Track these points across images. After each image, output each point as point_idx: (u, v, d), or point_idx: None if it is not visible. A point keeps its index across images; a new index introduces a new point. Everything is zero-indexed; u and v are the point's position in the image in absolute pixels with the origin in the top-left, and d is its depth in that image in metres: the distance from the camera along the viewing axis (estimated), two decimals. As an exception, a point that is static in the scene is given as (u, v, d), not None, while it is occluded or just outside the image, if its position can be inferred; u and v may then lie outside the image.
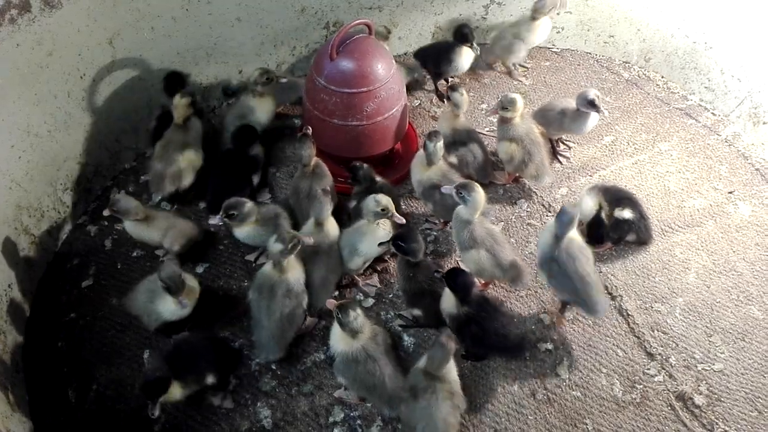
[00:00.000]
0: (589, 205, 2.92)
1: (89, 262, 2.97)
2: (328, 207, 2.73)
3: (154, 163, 3.05)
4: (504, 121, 3.07)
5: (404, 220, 2.71)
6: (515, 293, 2.82)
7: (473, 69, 3.70)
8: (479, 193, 2.60)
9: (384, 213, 2.65)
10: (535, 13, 3.56)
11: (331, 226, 2.75)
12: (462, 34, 3.46)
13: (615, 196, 2.92)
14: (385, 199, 2.66)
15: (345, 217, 2.96)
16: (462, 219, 2.67)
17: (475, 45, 3.48)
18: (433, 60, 3.57)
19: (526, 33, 3.60)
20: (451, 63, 3.52)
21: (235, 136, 3.10)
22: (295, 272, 2.57)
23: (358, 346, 2.35)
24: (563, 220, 2.47)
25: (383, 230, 2.71)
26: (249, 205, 2.73)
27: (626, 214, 2.88)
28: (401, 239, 2.54)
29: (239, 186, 3.03)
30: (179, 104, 3.06)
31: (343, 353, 2.36)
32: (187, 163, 3.06)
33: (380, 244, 2.66)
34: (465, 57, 3.52)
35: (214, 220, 2.70)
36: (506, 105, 3.01)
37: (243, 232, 2.78)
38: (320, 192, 2.79)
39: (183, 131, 3.08)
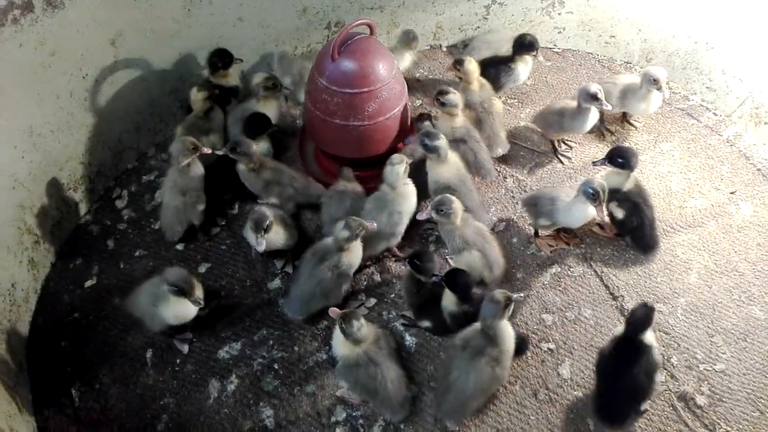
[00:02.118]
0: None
1: (92, 262, 2.98)
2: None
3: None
4: (463, 88, 3.21)
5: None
6: (516, 294, 2.81)
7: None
8: (455, 202, 2.65)
9: (407, 166, 2.75)
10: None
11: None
12: (523, 43, 3.36)
13: (627, 195, 2.88)
14: (398, 155, 2.78)
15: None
16: (448, 230, 2.71)
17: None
18: (493, 72, 3.44)
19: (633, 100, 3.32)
20: (511, 73, 3.46)
21: (246, 125, 3.08)
22: (351, 255, 2.65)
23: (360, 350, 2.36)
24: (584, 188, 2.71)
25: (413, 188, 2.81)
26: (269, 209, 2.72)
27: (618, 212, 2.89)
28: (418, 258, 2.56)
29: (231, 188, 3.07)
30: (196, 98, 3.12)
31: (345, 357, 2.37)
32: (209, 147, 3.07)
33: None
34: (523, 68, 3.44)
35: (261, 248, 2.65)
36: (458, 64, 3.20)
37: (273, 237, 2.74)
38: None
39: (205, 120, 3.17)
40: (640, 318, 2.31)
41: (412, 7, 3.77)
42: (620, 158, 2.84)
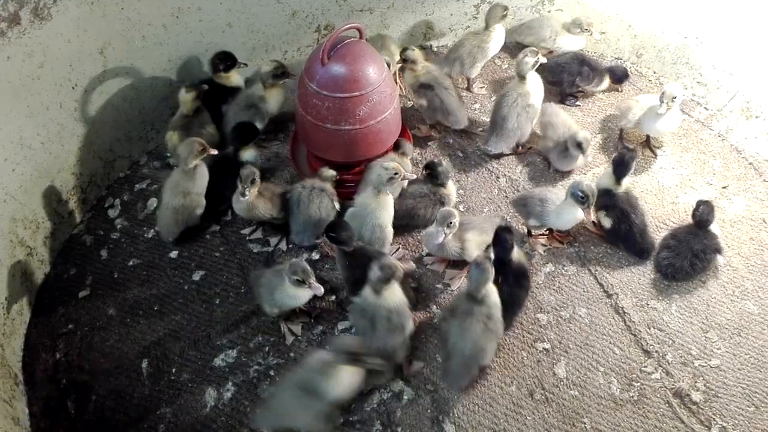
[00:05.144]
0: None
1: (86, 273, 2.98)
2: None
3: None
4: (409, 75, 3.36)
5: (414, 176, 2.92)
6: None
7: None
8: (456, 213, 2.71)
9: (397, 176, 2.73)
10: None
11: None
12: (620, 75, 3.61)
13: (614, 202, 2.90)
14: (393, 164, 2.77)
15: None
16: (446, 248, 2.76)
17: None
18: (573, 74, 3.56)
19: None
20: (591, 83, 3.59)
21: (234, 135, 3.09)
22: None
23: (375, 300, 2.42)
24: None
25: (391, 198, 2.81)
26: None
27: (606, 222, 2.91)
28: (332, 230, 2.60)
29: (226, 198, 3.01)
30: (185, 99, 3.14)
31: (361, 298, 2.47)
32: (208, 138, 3.13)
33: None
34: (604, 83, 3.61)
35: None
36: (402, 53, 3.34)
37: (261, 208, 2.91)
38: None
39: (195, 117, 3.20)
40: (704, 214, 2.81)
41: (402, 9, 3.77)
42: (615, 164, 2.88)
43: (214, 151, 2.94)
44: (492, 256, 2.53)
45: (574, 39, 3.75)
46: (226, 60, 3.32)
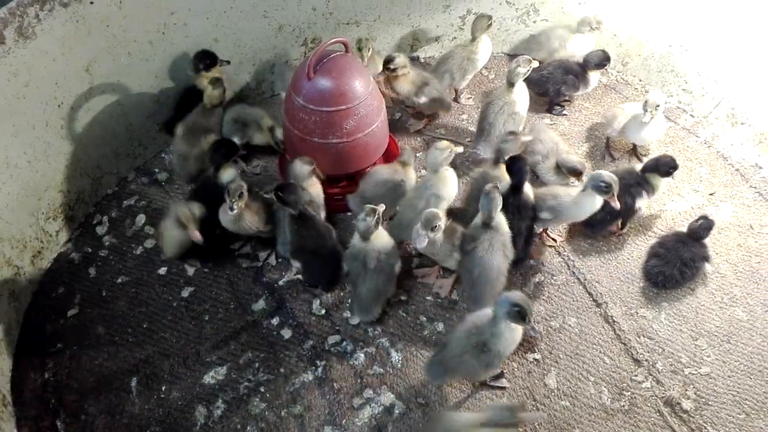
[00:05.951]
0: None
1: (74, 291, 2.96)
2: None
3: (177, 145, 3.18)
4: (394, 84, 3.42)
5: (461, 148, 2.90)
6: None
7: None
8: (441, 215, 2.64)
9: (451, 153, 2.81)
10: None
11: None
12: (600, 62, 3.56)
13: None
14: (444, 143, 2.83)
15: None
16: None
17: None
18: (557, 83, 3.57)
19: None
20: (578, 89, 3.61)
21: (214, 151, 3.02)
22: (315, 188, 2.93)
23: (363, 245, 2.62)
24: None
25: (453, 173, 2.89)
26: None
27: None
28: (280, 190, 2.67)
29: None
30: (212, 94, 3.18)
31: (351, 246, 2.67)
32: (207, 146, 3.13)
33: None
34: (593, 80, 3.62)
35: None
36: (389, 63, 3.35)
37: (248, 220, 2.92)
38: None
39: (207, 116, 3.23)
40: (702, 228, 2.87)
41: (388, 21, 3.79)
42: (662, 164, 2.97)
43: (198, 238, 2.77)
44: (499, 186, 2.62)
45: (584, 39, 3.75)
46: (205, 59, 3.29)
